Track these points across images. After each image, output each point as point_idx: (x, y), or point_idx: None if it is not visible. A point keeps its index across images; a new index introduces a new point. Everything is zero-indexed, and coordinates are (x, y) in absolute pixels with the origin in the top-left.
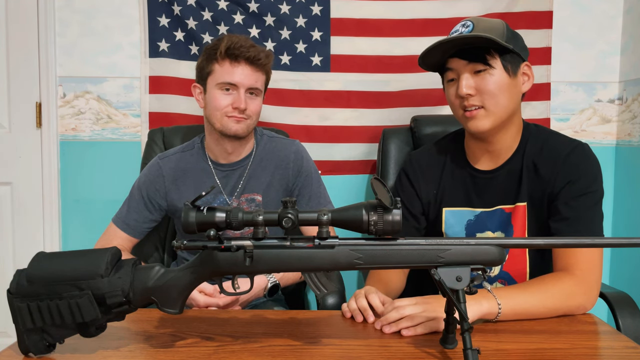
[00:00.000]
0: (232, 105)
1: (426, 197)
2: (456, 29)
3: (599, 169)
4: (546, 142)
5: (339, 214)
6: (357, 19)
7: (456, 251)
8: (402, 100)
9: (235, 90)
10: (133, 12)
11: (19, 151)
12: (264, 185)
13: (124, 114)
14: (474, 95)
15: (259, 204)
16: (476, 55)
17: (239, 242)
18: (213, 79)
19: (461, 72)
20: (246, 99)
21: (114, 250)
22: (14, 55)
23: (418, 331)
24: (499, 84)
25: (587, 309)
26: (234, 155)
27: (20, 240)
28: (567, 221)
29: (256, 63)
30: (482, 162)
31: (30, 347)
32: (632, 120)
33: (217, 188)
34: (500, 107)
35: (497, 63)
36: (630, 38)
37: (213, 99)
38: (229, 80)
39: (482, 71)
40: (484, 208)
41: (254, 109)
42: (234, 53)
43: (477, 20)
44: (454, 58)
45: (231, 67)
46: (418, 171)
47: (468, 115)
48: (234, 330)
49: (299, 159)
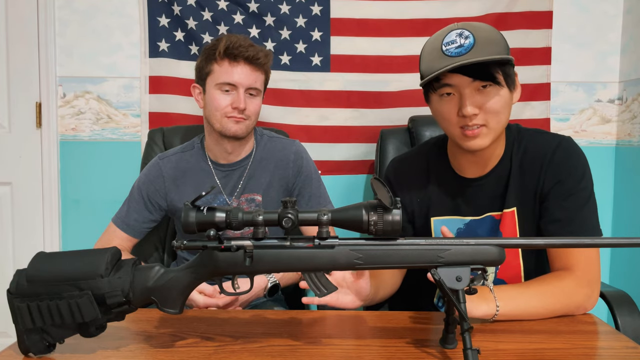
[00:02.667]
0: (231, 105)
1: (410, 206)
2: (452, 39)
3: (586, 162)
4: (529, 143)
5: (338, 214)
6: (357, 19)
7: (456, 251)
8: (401, 101)
9: (235, 90)
10: (133, 12)
11: (19, 151)
12: (263, 185)
13: (124, 114)
14: (478, 114)
15: (259, 204)
16: (483, 73)
17: (239, 242)
18: (212, 79)
19: (463, 90)
20: (245, 99)
21: (114, 250)
22: (14, 55)
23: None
24: (504, 101)
25: (588, 308)
26: (233, 155)
27: (20, 240)
28: (560, 223)
29: (255, 62)
30: (468, 170)
31: (30, 347)
32: (632, 120)
33: (217, 188)
34: (502, 125)
35: (502, 79)
36: (630, 38)
37: (212, 99)
38: (228, 80)
39: (486, 87)
40: (473, 216)
41: (253, 109)
42: (232, 53)
43: (473, 29)
44: (456, 74)
45: (230, 67)
46: (401, 179)
47: (469, 135)
48: (234, 330)
49: (299, 159)
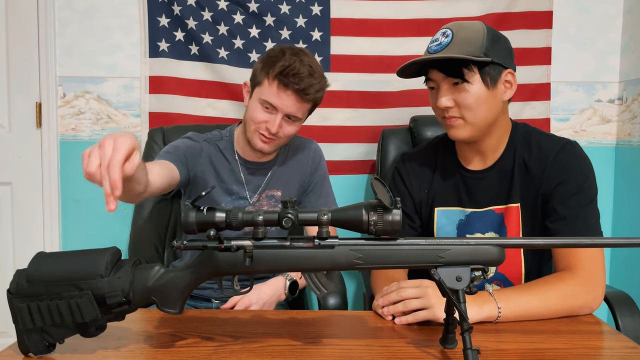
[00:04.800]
0: (266, 124)
1: (418, 197)
2: (436, 37)
3: (591, 167)
4: (535, 141)
5: (338, 214)
6: (357, 19)
7: (456, 251)
8: (402, 101)
9: (275, 112)
10: (133, 12)
11: (19, 151)
12: (284, 181)
13: (124, 114)
14: (453, 107)
15: (277, 199)
16: (453, 70)
17: (238, 242)
18: (259, 92)
19: (440, 85)
20: (282, 123)
21: (114, 250)
22: (14, 55)
23: (409, 320)
24: (476, 97)
25: (592, 308)
26: (262, 157)
27: (20, 240)
28: (565, 221)
29: (303, 95)
30: (472, 163)
31: (30, 347)
32: (632, 120)
33: (241, 184)
34: (479, 119)
35: (474, 77)
36: (630, 38)
37: (252, 109)
38: (270, 101)
39: (458, 84)
40: (474, 208)
41: (287, 133)
42: (284, 80)
43: (457, 29)
44: (433, 70)
45: (278, 90)
46: (410, 170)
47: (448, 124)
48: (234, 330)
49: (318, 157)
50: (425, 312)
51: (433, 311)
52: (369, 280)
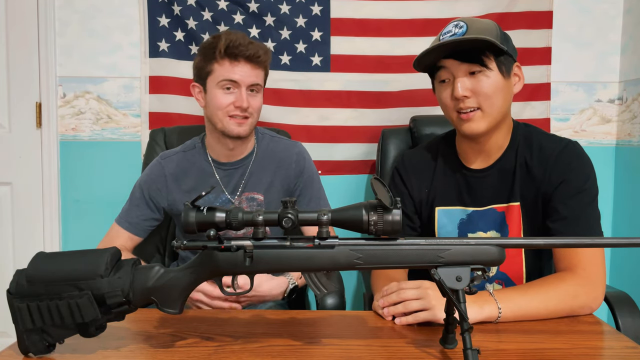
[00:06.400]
0: (234, 104)
1: (418, 196)
2: (448, 29)
3: (592, 167)
4: (536, 141)
5: (339, 214)
6: (357, 19)
7: (456, 251)
8: (402, 101)
9: (237, 88)
10: (133, 12)
11: (19, 151)
12: (265, 185)
13: (124, 114)
14: (470, 97)
15: (260, 204)
16: (472, 57)
17: (238, 242)
18: (213, 78)
19: (456, 74)
20: (247, 97)
21: (114, 250)
22: (14, 55)
23: (409, 320)
24: (495, 85)
25: (592, 308)
26: (235, 153)
27: (20, 240)
28: (566, 220)
29: (256, 60)
30: (474, 162)
31: (30, 347)
32: (632, 120)
33: (218, 187)
34: (496, 109)
35: (492, 64)
36: (630, 38)
37: (214, 98)
38: (229, 78)
39: (477, 72)
40: (476, 207)
41: (255, 106)
42: (233, 52)
43: (470, 21)
44: (449, 59)
45: (231, 66)
46: (410, 170)
47: (464, 118)
48: (234, 330)
49: (301, 160)
50: (426, 313)
51: (433, 312)
52: (369, 280)
